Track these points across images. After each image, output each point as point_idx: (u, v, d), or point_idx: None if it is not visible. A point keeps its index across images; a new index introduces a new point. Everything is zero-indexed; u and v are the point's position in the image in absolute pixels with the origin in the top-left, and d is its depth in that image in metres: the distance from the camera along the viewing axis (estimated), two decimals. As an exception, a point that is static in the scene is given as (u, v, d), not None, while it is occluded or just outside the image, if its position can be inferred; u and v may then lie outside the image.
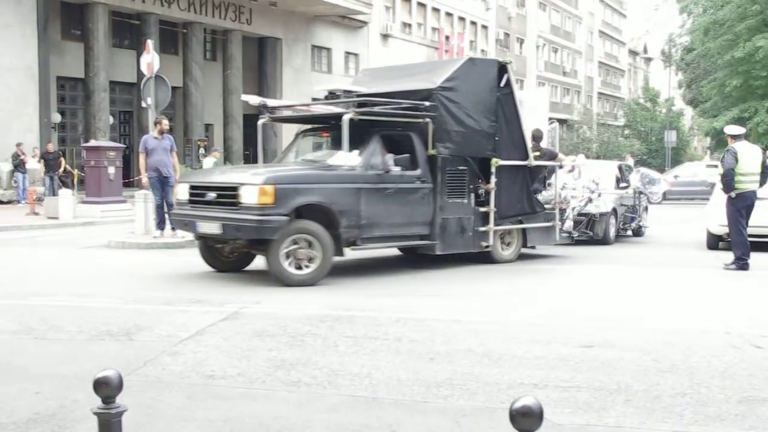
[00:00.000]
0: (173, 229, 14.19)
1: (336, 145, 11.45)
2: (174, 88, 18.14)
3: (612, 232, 16.05)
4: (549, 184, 13.81)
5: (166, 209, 14.69)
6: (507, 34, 60.53)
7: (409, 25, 47.35)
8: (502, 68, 12.31)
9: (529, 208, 12.80)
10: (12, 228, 14.41)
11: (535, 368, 6.14)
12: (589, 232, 15.75)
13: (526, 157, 12.60)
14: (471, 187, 11.92)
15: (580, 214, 15.40)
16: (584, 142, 55.36)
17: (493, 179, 12.01)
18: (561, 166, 14.30)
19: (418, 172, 11.30)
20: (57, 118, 27.43)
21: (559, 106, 67.48)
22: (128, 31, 30.71)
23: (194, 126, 30.56)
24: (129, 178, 24.52)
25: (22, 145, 23.18)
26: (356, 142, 10.76)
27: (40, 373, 6.11)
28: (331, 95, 12.36)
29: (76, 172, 23.79)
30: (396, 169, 11.09)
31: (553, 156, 14.16)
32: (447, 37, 49.75)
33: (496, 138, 12.15)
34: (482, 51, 55.57)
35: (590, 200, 15.46)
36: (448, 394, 5.51)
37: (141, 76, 20.59)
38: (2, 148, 22.97)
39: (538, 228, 13.12)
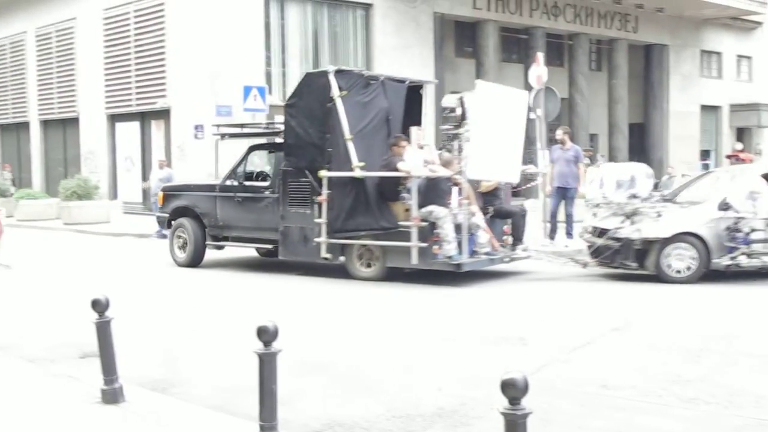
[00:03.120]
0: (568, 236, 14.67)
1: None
2: (560, 99, 18.28)
3: (681, 266, 10.96)
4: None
5: (563, 219, 14.93)
6: None
7: (815, 21, 43.04)
8: (337, 73, 11.68)
9: (375, 224, 11.32)
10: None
11: None
12: (630, 263, 11.22)
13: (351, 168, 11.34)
14: (314, 198, 11.84)
15: (611, 238, 11.41)
16: None
17: (324, 191, 11.59)
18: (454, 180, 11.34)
19: (267, 183, 12.87)
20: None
21: None
22: (516, 46, 31.57)
23: (579, 136, 30.53)
24: (516, 188, 25.12)
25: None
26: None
27: (440, 371, 6.52)
28: None
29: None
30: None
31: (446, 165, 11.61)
32: None
33: (329, 149, 11.63)
34: None
35: (629, 219, 11.47)
36: None
37: (528, 88, 21.07)
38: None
39: (397, 246, 11.16)
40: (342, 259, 11.80)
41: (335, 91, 11.48)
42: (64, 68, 28.24)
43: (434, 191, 11.27)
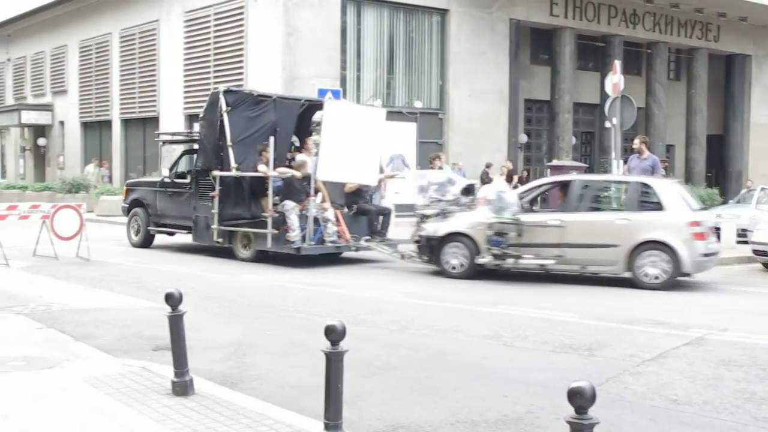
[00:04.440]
0: None
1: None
2: (636, 109, 17.97)
3: (455, 262, 12.49)
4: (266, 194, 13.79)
5: None
6: None
7: None
8: (225, 93, 14.45)
9: (247, 214, 14.24)
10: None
11: None
12: (424, 257, 13.01)
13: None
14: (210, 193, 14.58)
15: (413, 236, 13.38)
16: None
17: (217, 187, 14.30)
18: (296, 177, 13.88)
19: (187, 180, 15.56)
20: (523, 138, 28.74)
21: None
22: (592, 54, 31.12)
23: (655, 147, 29.96)
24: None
25: (492, 166, 24.53)
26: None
27: (507, 378, 6.49)
28: None
29: (538, 190, 24.62)
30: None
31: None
32: None
33: (221, 153, 14.36)
34: None
35: (422, 219, 13.22)
36: None
37: (604, 97, 20.83)
38: (473, 166, 24.67)
39: (261, 233, 13.87)
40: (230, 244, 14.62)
41: (223, 107, 14.24)
42: (145, 69, 28.92)
43: (289, 189, 13.77)
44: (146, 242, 16.67)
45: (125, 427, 4.85)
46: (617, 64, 17.30)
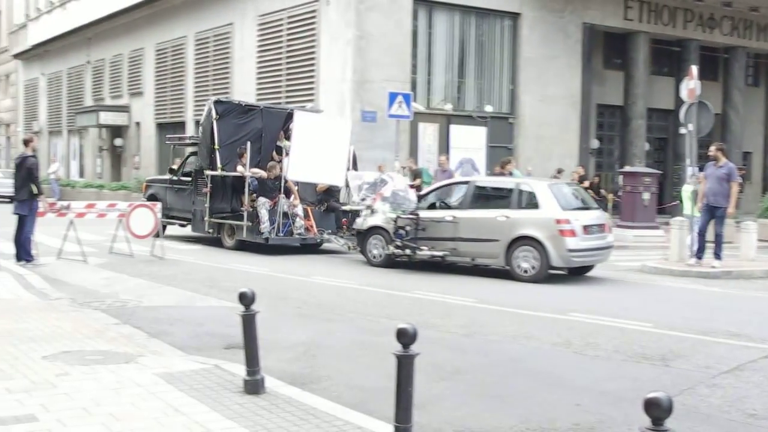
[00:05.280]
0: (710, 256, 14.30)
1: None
2: (713, 115, 17.53)
3: (376, 252, 14.27)
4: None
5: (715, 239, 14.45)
6: None
7: None
8: (215, 103, 16.81)
9: (228, 208, 16.38)
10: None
11: None
12: (358, 247, 14.82)
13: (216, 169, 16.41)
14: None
15: (352, 229, 15.49)
16: None
17: (208, 184, 16.48)
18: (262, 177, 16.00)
19: (189, 178, 17.77)
20: (595, 144, 28.37)
21: None
22: (667, 59, 30.55)
23: (732, 154, 29.26)
24: (662, 204, 24.37)
25: (563, 171, 24.21)
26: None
27: (578, 386, 6.40)
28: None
29: (610, 196, 24.28)
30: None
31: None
32: None
33: (213, 156, 16.39)
34: None
35: (358, 214, 15.15)
36: None
37: (679, 103, 20.44)
38: (543, 171, 24.42)
39: (240, 225, 15.86)
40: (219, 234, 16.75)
41: (213, 115, 16.44)
42: (219, 71, 29.40)
43: (262, 187, 15.87)
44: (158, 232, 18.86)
45: (199, 423, 4.93)
46: (694, 69, 16.89)
